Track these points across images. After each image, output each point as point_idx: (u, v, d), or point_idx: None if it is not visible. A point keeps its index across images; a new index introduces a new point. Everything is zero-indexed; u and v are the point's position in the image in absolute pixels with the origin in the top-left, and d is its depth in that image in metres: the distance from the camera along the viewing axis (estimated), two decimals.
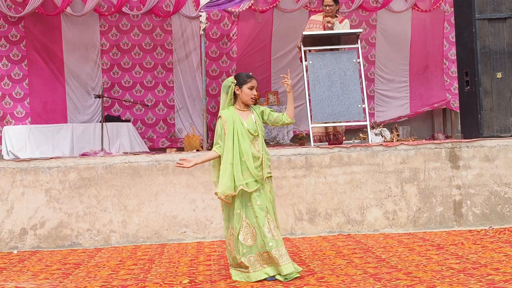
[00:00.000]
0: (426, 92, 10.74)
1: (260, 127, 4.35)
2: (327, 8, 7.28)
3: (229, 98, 4.37)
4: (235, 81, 4.35)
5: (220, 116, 4.35)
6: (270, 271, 4.20)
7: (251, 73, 4.45)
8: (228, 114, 4.32)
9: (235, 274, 4.28)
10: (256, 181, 4.21)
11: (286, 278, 4.17)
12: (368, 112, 10.37)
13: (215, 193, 4.26)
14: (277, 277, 4.19)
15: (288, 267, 4.15)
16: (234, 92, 4.36)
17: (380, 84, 10.70)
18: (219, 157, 4.30)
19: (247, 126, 4.29)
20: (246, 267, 4.20)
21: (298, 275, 4.20)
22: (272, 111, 4.49)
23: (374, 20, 10.58)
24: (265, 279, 4.20)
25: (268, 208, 4.24)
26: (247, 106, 4.40)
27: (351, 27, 9.22)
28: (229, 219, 4.28)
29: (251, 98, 4.35)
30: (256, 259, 4.20)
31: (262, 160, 4.25)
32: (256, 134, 4.30)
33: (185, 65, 10.28)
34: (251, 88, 4.34)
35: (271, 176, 4.35)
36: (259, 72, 10.34)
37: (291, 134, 9.83)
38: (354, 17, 10.43)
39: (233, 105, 4.39)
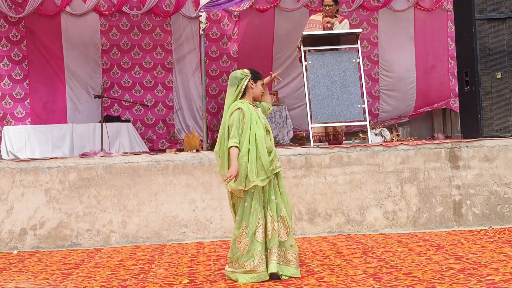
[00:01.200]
0: (431, 92, 10.69)
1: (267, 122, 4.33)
2: (327, 8, 7.27)
3: (238, 91, 4.24)
4: (250, 75, 4.27)
5: (239, 108, 4.16)
6: (273, 267, 4.11)
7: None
8: (246, 107, 4.18)
9: (243, 278, 4.12)
10: (268, 176, 4.13)
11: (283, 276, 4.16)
12: (373, 112, 10.40)
13: (223, 181, 4.09)
14: (283, 277, 4.17)
15: (273, 266, 4.09)
16: (246, 86, 4.25)
17: (386, 84, 10.66)
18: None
19: (263, 121, 4.23)
20: (254, 267, 4.09)
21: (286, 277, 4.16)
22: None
23: (376, 20, 10.57)
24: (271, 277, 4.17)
25: (279, 202, 4.20)
26: (254, 101, 4.33)
27: (352, 26, 9.21)
28: (243, 217, 4.16)
29: (263, 93, 4.34)
30: (263, 258, 4.12)
31: (273, 155, 4.19)
32: (269, 129, 4.27)
33: (185, 65, 10.27)
34: (262, 85, 4.32)
35: (279, 171, 4.29)
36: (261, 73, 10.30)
37: (291, 134, 9.83)
38: (355, 17, 10.42)
39: (241, 99, 4.26)
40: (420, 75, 10.65)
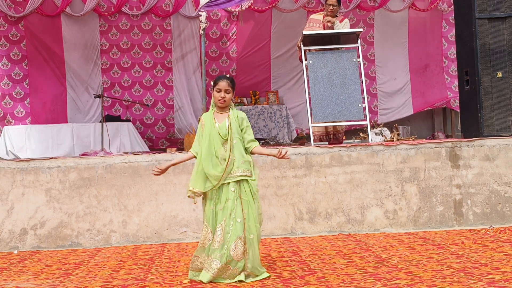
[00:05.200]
0: (427, 90, 10.78)
1: (235, 132, 4.26)
2: (330, 7, 7.23)
3: (212, 100, 4.38)
4: (212, 83, 4.37)
5: (200, 118, 4.37)
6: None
7: (227, 75, 4.44)
8: (207, 117, 4.35)
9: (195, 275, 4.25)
10: (213, 185, 4.22)
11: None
12: (372, 109, 10.44)
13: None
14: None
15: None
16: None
17: (382, 82, 10.73)
18: (194, 157, 4.34)
19: (218, 129, 4.27)
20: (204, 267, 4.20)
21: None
22: (249, 128, 4.33)
23: (372, 19, 10.63)
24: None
25: (231, 212, 4.18)
26: (224, 108, 4.34)
27: (350, 26, 9.20)
28: (205, 218, 4.30)
29: (219, 100, 4.30)
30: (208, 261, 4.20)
31: (226, 164, 4.20)
32: (226, 138, 4.25)
33: (185, 64, 10.28)
34: (218, 91, 4.30)
35: (247, 180, 4.22)
36: (259, 72, 10.38)
37: (295, 134, 9.87)
38: (352, 16, 10.48)
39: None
40: (413, 74, 10.74)
